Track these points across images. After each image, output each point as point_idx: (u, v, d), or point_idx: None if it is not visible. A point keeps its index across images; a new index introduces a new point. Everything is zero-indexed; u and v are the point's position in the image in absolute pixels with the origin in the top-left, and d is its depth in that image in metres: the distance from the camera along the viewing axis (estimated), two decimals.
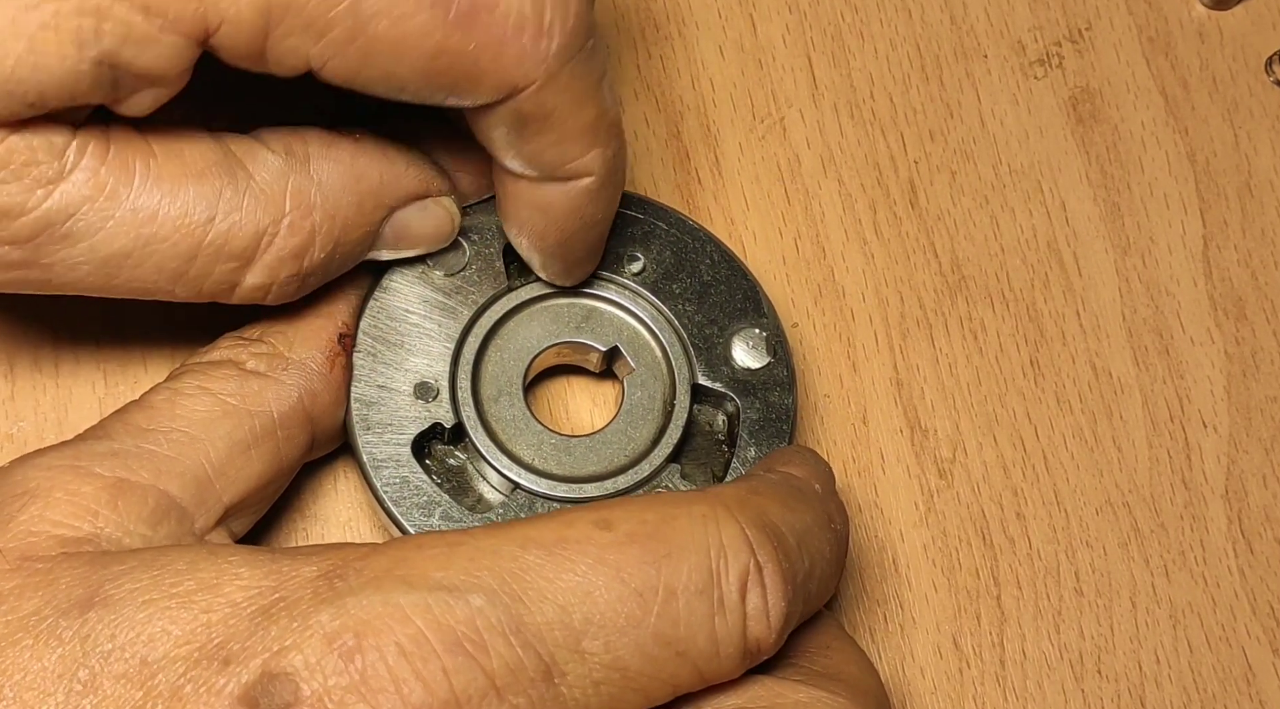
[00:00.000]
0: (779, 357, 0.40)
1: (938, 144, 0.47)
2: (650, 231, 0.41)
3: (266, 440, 0.36)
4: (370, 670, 0.29)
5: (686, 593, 0.31)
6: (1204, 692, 0.42)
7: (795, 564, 0.33)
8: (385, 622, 0.30)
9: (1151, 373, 0.45)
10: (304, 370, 0.37)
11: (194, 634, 0.30)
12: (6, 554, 0.32)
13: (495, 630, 0.30)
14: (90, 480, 0.33)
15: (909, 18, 0.48)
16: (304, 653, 0.30)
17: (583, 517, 0.32)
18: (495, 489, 0.39)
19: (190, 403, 0.36)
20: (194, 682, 0.30)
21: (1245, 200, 0.47)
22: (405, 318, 0.39)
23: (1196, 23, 0.49)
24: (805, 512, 0.34)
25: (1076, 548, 0.43)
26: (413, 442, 0.38)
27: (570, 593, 0.31)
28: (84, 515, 0.33)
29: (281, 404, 0.37)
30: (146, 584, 0.31)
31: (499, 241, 0.40)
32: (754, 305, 0.40)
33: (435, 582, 0.30)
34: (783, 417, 0.40)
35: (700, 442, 0.40)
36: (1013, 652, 0.42)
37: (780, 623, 0.33)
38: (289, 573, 0.31)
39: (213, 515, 0.35)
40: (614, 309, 0.41)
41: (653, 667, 0.31)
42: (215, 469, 0.35)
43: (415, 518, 0.38)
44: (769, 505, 0.34)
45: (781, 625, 0.33)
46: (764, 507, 0.34)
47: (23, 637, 0.30)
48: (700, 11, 0.47)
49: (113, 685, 0.30)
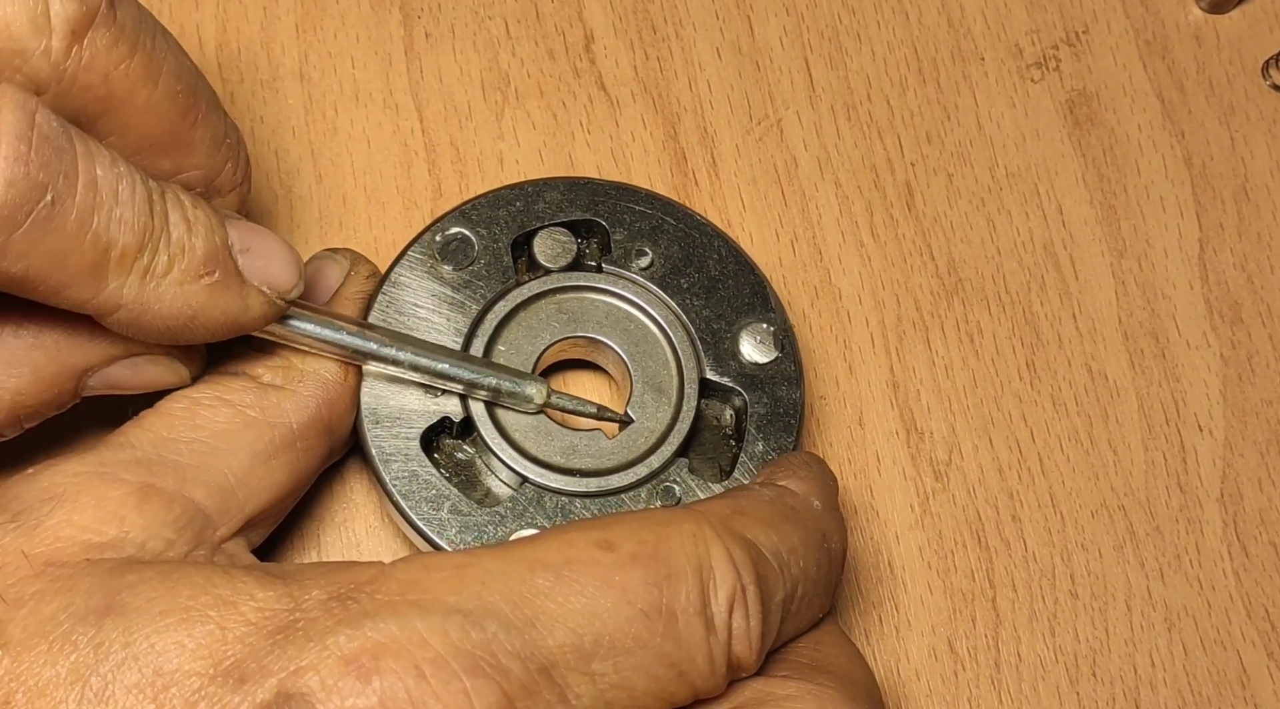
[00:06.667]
0: (787, 351, 0.40)
1: (934, 146, 0.47)
2: (658, 227, 0.41)
3: (286, 451, 0.36)
4: (389, 692, 0.29)
5: (686, 614, 0.32)
6: (1199, 695, 0.42)
7: (773, 585, 0.33)
8: (403, 645, 0.30)
9: (1147, 376, 0.45)
10: (319, 381, 0.37)
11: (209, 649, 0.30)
12: (32, 559, 0.32)
13: (512, 654, 0.30)
14: (117, 486, 0.33)
15: (906, 20, 0.48)
16: (320, 674, 0.30)
17: (583, 536, 0.32)
18: (504, 483, 0.39)
19: (210, 413, 0.36)
20: (208, 699, 0.30)
21: (1241, 204, 0.47)
22: (414, 312, 0.39)
23: (1193, 26, 0.49)
24: (792, 532, 0.35)
25: (1072, 551, 0.43)
26: (421, 435, 0.38)
27: (580, 616, 0.31)
28: (111, 520, 0.33)
29: (300, 415, 0.37)
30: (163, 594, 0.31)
31: (507, 236, 0.40)
32: (762, 300, 0.41)
33: (450, 605, 0.31)
34: (790, 411, 0.40)
35: (708, 436, 0.40)
36: (1008, 654, 0.42)
37: (759, 643, 0.33)
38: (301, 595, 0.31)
39: (234, 525, 0.35)
40: (621, 304, 0.41)
41: (656, 685, 0.32)
42: (238, 479, 0.35)
43: (424, 511, 0.38)
44: (753, 525, 0.34)
45: (760, 645, 0.33)
46: (748, 526, 0.34)
47: (38, 642, 0.30)
48: (698, 13, 0.48)
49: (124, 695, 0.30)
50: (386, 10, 0.47)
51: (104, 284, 0.32)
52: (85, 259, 0.32)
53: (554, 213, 0.41)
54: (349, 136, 0.45)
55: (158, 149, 0.35)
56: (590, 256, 0.41)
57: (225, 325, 0.35)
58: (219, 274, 0.34)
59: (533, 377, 0.39)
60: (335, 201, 0.45)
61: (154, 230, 0.33)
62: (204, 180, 0.37)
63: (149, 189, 0.33)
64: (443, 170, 0.45)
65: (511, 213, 0.41)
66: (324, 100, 0.46)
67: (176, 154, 0.36)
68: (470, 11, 0.47)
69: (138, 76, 0.34)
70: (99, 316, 0.33)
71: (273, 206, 0.45)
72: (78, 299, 0.33)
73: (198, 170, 0.36)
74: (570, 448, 0.39)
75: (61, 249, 0.31)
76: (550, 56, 0.47)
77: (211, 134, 0.36)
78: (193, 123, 0.35)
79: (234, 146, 0.37)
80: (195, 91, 0.36)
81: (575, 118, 0.46)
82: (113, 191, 0.32)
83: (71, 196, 0.31)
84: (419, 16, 0.47)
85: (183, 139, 0.35)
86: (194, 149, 0.36)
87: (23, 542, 0.32)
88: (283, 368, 0.37)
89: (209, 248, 0.34)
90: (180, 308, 0.33)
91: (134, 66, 0.34)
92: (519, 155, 0.46)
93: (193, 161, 0.36)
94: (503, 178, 0.45)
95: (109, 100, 0.34)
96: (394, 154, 0.45)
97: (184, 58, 0.35)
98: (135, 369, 0.36)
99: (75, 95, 0.33)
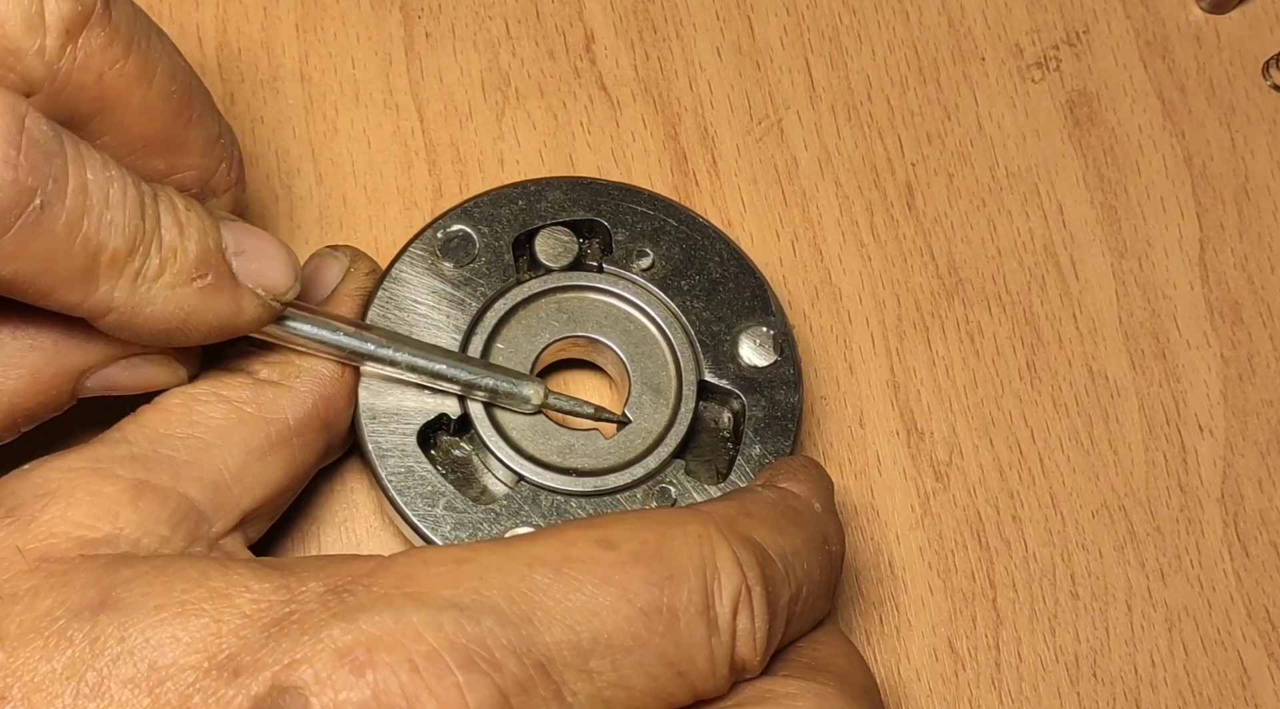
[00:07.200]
0: (786, 355, 0.40)
1: (935, 146, 0.47)
2: (660, 228, 0.41)
3: (282, 447, 0.36)
4: (382, 686, 0.29)
5: (687, 614, 0.32)
6: (1199, 695, 0.42)
7: (780, 587, 0.33)
8: (397, 638, 0.30)
9: (1148, 376, 0.45)
10: (316, 377, 0.37)
11: (204, 643, 0.30)
12: (26, 554, 0.32)
13: (507, 649, 0.30)
14: (112, 482, 0.33)
15: (907, 20, 0.48)
16: (314, 667, 0.30)
17: (584, 534, 0.32)
18: (500, 481, 0.39)
19: (206, 409, 0.36)
20: (203, 692, 0.30)
21: (1242, 204, 0.47)
22: (414, 308, 0.39)
23: (1194, 26, 0.49)
24: (796, 534, 0.35)
25: (1072, 551, 0.43)
26: (418, 432, 0.38)
27: (578, 613, 0.31)
28: (105, 516, 0.33)
29: (297, 411, 0.37)
30: (158, 589, 0.31)
31: (508, 235, 0.40)
32: (762, 303, 0.41)
33: (446, 600, 0.30)
34: (788, 415, 0.40)
35: (705, 438, 0.40)
36: (1008, 654, 0.42)
37: (764, 644, 0.33)
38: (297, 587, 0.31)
39: (230, 520, 0.35)
40: (622, 304, 0.41)
41: (655, 685, 0.32)
42: (233, 475, 0.35)
43: (419, 507, 0.38)
44: (759, 527, 0.34)
45: (765, 647, 0.33)
46: (754, 528, 0.34)
47: (34, 638, 0.30)
48: (698, 13, 0.48)
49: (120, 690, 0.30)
50: (387, 10, 0.47)
51: (94, 287, 0.32)
52: (75, 262, 0.32)
53: (556, 212, 0.41)
54: (349, 136, 0.45)
55: (152, 149, 0.35)
56: (591, 256, 0.41)
57: (219, 328, 0.35)
58: (212, 277, 0.34)
59: (530, 377, 0.39)
60: (335, 201, 0.45)
61: (145, 233, 0.33)
62: (198, 181, 0.36)
63: (141, 192, 0.33)
64: (443, 170, 0.45)
65: (513, 211, 0.41)
66: (324, 100, 0.46)
67: (170, 154, 0.36)
68: (470, 11, 0.47)
69: (132, 76, 0.34)
70: (91, 319, 0.33)
71: (273, 206, 0.45)
72: (68, 302, 0.33)
73: (192, 171, 0.36)
74: (567, 447, 0.39)
75: (51, 252, 0.31)
76: (550, 56, 0.47)
77: (205, 134, 0.36)
78: (187, 123, 0.35)
79: (228, 147, 0.37)
80: (189, 92, 0.35)
81: (576, 118, 0.46)
82: (103, 195, 0.32)
83: (61, 201, 0.31)
84: (419, 16, 0.47)
85: (177, 139, 0.35)
86: (188, 149, 0.36)
87: (17, 537, 0.32)
88: (280, 364, 0.37)
89: (201, 251, 0.34)
90: (173, 311, 0.33)
91: (128, 66, 0.34)
92: (519, 155, 0.46)
93: (187, 162, 0.36)
94: (503, 178, 0.45)
95: (103, 100, 0.34)
96: (394, 154, 0.45)
97: (178, 58, 0.35)
98: (133, 370, 0.36)
99: (69, 95, 0.33)
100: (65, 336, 0.35)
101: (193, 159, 0.36)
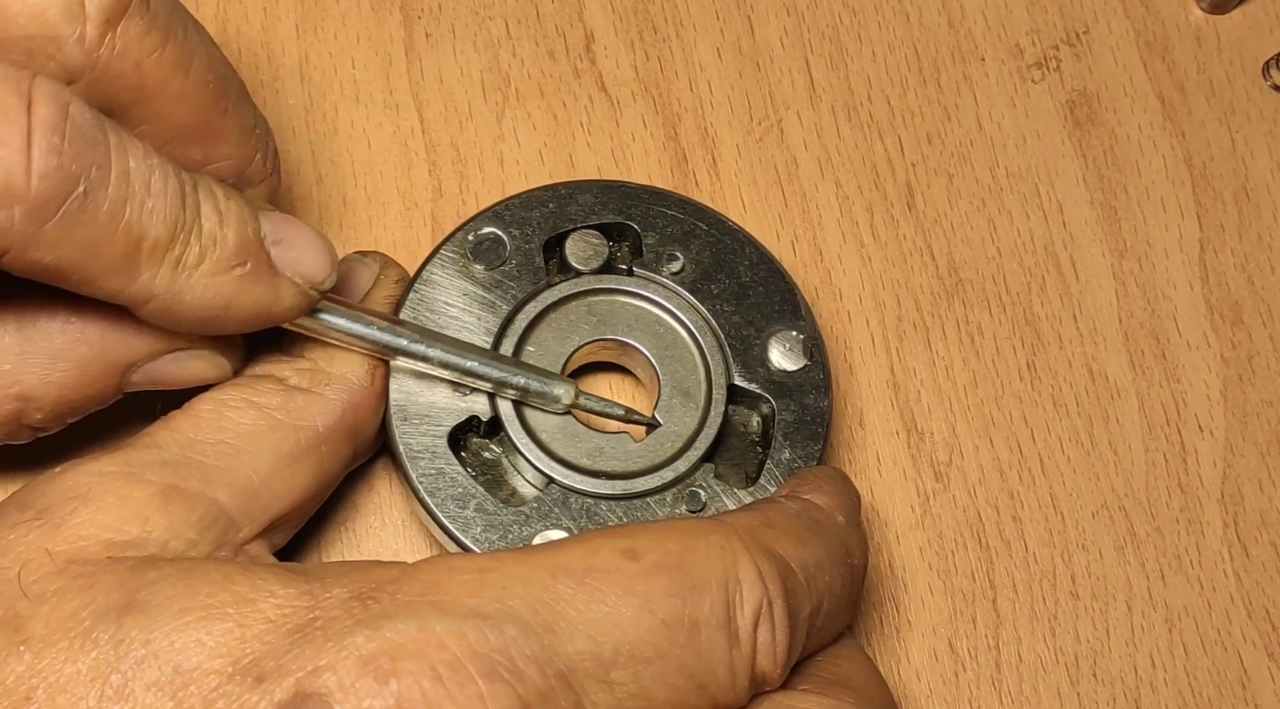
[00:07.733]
0: (816, 359, 0.40)
1: (935, 147, 0.47)
2: (690, 231, 0.41)
3: (311, 454, 0.36)
4: (405, 694, 0.29)
5: (709, 626, 0.32)
6: (1199, 696, 0.42)
7: (801, 600, 0.33)
8: (421, 646, 0.30)
9: (1148, 376, 0.45)
10: (345, 385, 0.37)
11: (228, 647, 0.30)
12: (55, 556, 0.32)
13: (529, 659, 0.30)
14: (141, 486, 0.33)
15: (907, 20, 0.48)
16: (338, 674, 0.30)
17: (607, 544, 0.32)
18: (530, 483, 0.39)
19: (236, 415, 0.36)
20: (226, 697, 0.30)
21: (1242, 204, 0.47)
22: (445, 310, 0.40)
23: (1194, 27, 0.49)
24: (819, 546, 0.35)
25: (1072, 551, 0.43)
26: (449, 434, 0.38)
27: (600, 624, 0.31)
28: (134, 520, 0.33)
29: (326, 418, 0.37)
30: (184, 592, 0.31)
31: (539, 237, 0.40)
32: (792, 307, 0.41)
33: (469, 609, 0.31)
34: (818, 419, 0.40)
35: (735, 442, 0.40)
36: (1008, 655, 0.42)
37: (784, 657, 0.33)
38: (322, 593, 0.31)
39: (257, 526, 0.35)
40: (652, 308, 0.41)
41: (675, 696, 0.32)
42: (262, 481, 0.35)
43: (450, 509, 0.38)
44: (781, 539, 0.34)
45: (785, 660, 0.33)
46: (776, 540, 0.34)
47: (59, 639, 0.30)
48: (698, 14, 0.48)
49: (144, 693, 0.30)
50: (387, 10, 0.47)
51: (136, 275, 0.33)
52: (117, 250, 0.32)
53: (586, 215, 0.41)
54: (349, 137, 0.45)
55: (188, 139, 0.35)
56: (621, 260, 0.41)
57: (257, 316, 0.35)
58: (251, 265, 0.34)
59: (561, 377, 0.39)
60: (335, 201, 0.45)
61: (186, 222, 0.33)
62: (234, 171, 0.37)
63: (181, 181, 0.33)
64: (443, 171, 0.45)
65: (544, 214, 0.41)
66: (324, 100, 0.46)
67: (207, 144, 0.36)
68: (470, 12, 0.47)
69: (170, 65, 0.34)
70: (131, 307, 0.33)
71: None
72: (110, 289, 0.33)
73: (228, 160, 0.36)
74: (597, 450, 0.39)
75: (94, 240, 0.32)
76: (550, 57, 0.47)
77: (241, 124, 0.36)
78: (223, 112, 0.36)
79: (263, 137, 0.37)
80: (225, 82, 0.36)
81: (576, 118, 0.46)
82: (145, 183, 0.32)
83: (104, 188, 0.31)
84: (419, 17, 0.47)
85: (213, 129, 0.36)
86: (224, 139, 0.36)
87: (46, 539, 0.32)
88: (309, 371, 0.37)
89: (241, 239, 0.34)
90: (212, 298, 0.34)
91: (166, 55, 0.34)
92: (519, 156, 0.46)
93: (223, 152, 0.36)
94: (503, 178, 0.45)
95: (141, 89, 0.34)
96: (394, 154, 0.45)
97: (214, 48, 0.36)
98: (178, 364, 0.36)
99: (107, 83, 0.33)
100: (112, 330, 0.35)
101: (229, 149, 0.36)
